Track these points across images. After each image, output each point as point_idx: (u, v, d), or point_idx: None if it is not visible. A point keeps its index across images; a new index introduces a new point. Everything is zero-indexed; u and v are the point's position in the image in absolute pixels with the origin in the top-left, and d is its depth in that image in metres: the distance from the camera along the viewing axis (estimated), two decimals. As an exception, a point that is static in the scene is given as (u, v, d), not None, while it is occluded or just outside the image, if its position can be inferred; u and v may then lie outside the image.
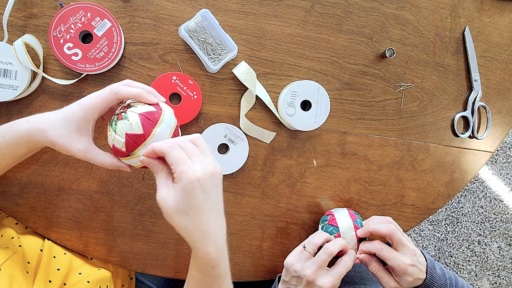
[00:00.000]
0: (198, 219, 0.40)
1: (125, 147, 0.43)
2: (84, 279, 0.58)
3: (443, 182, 0.72)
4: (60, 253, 0.60)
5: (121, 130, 0.43)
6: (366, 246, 0.58)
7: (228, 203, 0.66)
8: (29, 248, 0.57)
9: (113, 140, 0.44)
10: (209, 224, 0.41)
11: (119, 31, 0.58)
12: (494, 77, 0.71)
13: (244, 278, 0.68)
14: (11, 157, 0.48)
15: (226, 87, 0.63)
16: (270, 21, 0.63)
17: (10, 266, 0.49)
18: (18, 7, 0.58)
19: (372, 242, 0.58)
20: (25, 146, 0.46)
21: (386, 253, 0.55)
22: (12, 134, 0.46)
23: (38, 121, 0.45)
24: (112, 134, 0.44)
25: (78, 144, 0.45)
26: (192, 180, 0.39)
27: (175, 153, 0.39)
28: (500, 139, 0.73)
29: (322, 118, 0.64)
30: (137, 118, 0.43)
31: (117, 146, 0.44)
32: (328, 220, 0.62)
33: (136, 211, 0.64)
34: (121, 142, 0.43)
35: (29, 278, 0.51)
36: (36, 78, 0.58)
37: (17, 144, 0.46)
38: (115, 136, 0.44)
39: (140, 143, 0.43)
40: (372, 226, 0.58)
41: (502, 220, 1.62)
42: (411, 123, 0.69)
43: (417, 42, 0.67)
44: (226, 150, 0.64)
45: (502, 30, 0.70)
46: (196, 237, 0.41)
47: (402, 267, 0.54)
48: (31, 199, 0.61)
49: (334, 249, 0.55)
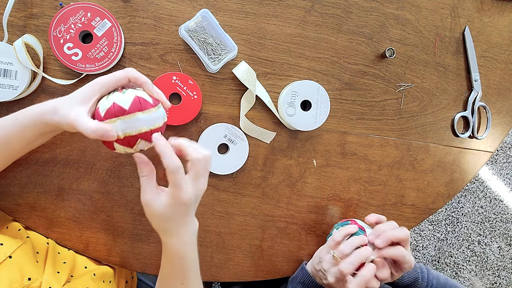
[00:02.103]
0: (175, 224, 0.47)
1: (105, 112, 0.44)
2: (90, 272, 0.60)
3: (443, 182, 0.72)
4: (64, 249, 0.62)
5: (112, 98, 0.45)
6: (393, 251, 0.56)
7: (228, 203, 0.66)
8: (36, 239, 0.59)
9: (100, 103, 0.45)
10: (180, 225, 0.47)
11: (119, 31, 0.58)
12: (494, 77, 0.71)
13: (244, 278, 0.68)
14: (19, 142, 0.48)
15: (226, 87, 0.63)
16: (270, 21, 0.63)
17: (21, 255, 0.50)
18: (18, 7, 0.58)
19: (397, 248, 0.56)
20: (33, 127, 0.47)
21: (408, 257, 0.56)
22: (25, 115, 0.47)
23: (52, 101, 0.46)
24: (104, 100, 0.45)
25: (74, 112, 0.44)
26: (185, 201, 0.45)
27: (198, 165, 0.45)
28: (500, 139, 0.73)
29: (322, 118, 0.64)
30: (132, 96, 0.45)
31: (100, 109, 0.45)
32: (351, 223, 0.61)
33: (136, 211, 0.64)
34: (105, 107, 0.44)
35: (39, 267, 0.53)
36: (36, 78, 0.58)
37: (26, 125, 0.47)
38: (104, 100, 0.45)
39: (118, 115, 0.44)
40: (392, 235, 0.57)
41: (502, 220, 1.62)
42: (411, 123, 0.69)
43: (417, 42, 0.67)
44: (226, 150, 0.64)
45: (502, 30, 0.70)
46: (169, 234, 0.47)
47: (412, 266, 0.56)
48: (31, 199, 0.61)
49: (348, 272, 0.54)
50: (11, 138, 0.48)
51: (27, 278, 0.48)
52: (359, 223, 0.61)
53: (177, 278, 0.50)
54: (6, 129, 0.48)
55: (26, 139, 0.48)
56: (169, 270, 0.51)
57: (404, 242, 0.57)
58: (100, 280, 0.61)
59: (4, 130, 0.48)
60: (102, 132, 0.42)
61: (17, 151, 0.51)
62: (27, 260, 0.51)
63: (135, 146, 0.45)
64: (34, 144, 0.51)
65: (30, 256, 0.52)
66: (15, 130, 0.47)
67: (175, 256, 0.49)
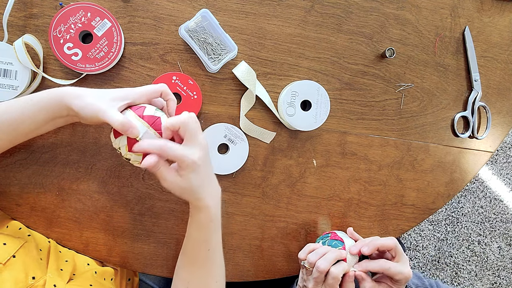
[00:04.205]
0: (202, 188, 0.49)
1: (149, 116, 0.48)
2: (92, 270, 0.61)
3: (443, 182, 0.72)
4: (64, 249, 0.62)
5: (160, 114, 0.49)
6: (373, 265, 0.55)
7: (228, 203, 0.66)
8: (39, 236, 0.59)
9: (148, 107, 0.49)
10: (207, 187, 0.50)
11: (119, 31, 0.58)
12: (494, 77, 0.71)
13: (244, 278, 0.68)
14: (29, 124, 0.49)
15: (226, 87, 0.63)
16: (270, 21, 0.63)
17: (24, 254, 0.50)
18: (18, 7, 0.58)
19: (378, 261, 0.56)
20: (48, 109, 0.48)
21: (394, 269, 0.54)
22: (42, 97, 0.48)
23: (72, 88, 0.48)
24: (154, 109, 0.49)
25: (103, 103, 0.46)
26: (197, 162, 0.47)
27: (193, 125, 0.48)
28: (500, 139, 0.73)
29: (322, 118, 0.64)
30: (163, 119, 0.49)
31: (146, 110, 0.48)
32: (331, 236, 0.61)
33: (136, 211, 0.64)
34: (152, 113, 0.48)
35: (43, 265, 0.53)
36: (36, 78, 0.58)
37: (41, 107, 0.47)
38: (154, 110, 0.49)
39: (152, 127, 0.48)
40: (378, 242, 0.57)
41: (502, 220, 1.62)
42: (411, 123, 0.69)
43: (417, 42, 0.67)
44: (226, 150, 0.64)
45: (502, 30, 0.70)
46: (200, 200, 0.49)
47: (407, 276, 0.55)
48: (31, 199, 0.61)
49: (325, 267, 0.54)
50: (23, 120, 0.48)
51: (31, 277, 0.48)
52: (339, 235, 0.61)
53: (203, 244, 0.52)
54: (19, 110, 0.48)
55: (37, 121, 0.48)
56: (197, 237, 0.52)
57: (393, 251, 0.57)
58: (101, 277, 0.61)
59: (18, 110, 0.48)
60: (128, 126, 0.45)
61: (26, 134, 0.50)
62: (30, 258, 0.51)
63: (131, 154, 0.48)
64: (44, 129, 0.51)
65: (33, 254, 0.52)
66: (29, 111, 0.48)
67: (204, 220, 0.51)
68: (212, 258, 0.54)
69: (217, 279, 0.55)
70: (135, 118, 0.47)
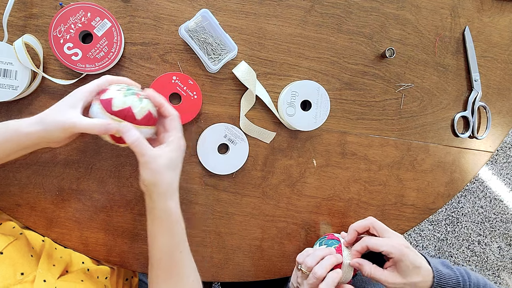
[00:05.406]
0: (176, 175, 0.51)
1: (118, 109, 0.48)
2: (85, 267, 0.61)
3: (443, 182, 0.72)
4: (61, 246, 0.62)
5: (129, 101, 0.48)
6: (356, 247, 0.57)
7: (228, 203, 0.66)
8: (32, 235, 0.59)
9: (115, 97, 0.48)
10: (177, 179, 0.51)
11: (119, 31, 0.58)
12: (494, 77, 0.71)
13: (244, 278, 0.68)
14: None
15: (226, 87, 0.63)
16: (270, 21, 0.63)
17: (13, 251, 0.50)
18: (18, 7, 0.58)
19: (360, 240, 0.57)
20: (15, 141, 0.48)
21: (377, 240, 0.55)
22: (6, 129, 0.48)
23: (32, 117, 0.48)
24: (121, 95, 0.48)
25: (68, 115, 0.47)
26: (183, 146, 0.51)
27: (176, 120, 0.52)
28: (500, 139, 0.73)
29: (322, 118, 0.64)
30: (146, 110, 0.49)
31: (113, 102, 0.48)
32: (328, 237, 0.62)
33: (136, 211, 0.64)
34: (119, 105, 0.48)
35: (33, 261, 0.53)
36: (36, 78, 0.58)
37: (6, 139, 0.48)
38: (121, 97, 0.48)
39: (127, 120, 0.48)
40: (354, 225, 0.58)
41: (502, 220, 1.62)
42: (411, 123, 0.69)
43: (417, 42, 0.67)
44: (226, 150, 0.64)
45: (502, 30, 0.70)
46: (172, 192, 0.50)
47: (397, 247, 0.53)
48: (31, 199, 0.61)
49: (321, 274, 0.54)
50: None
51: (19, 273, 0.48)
52: (335, 236, 0.61)
53: (176, 247, 0.52)
54: None
55: (6, 151, 0.49)
56: (168, 241, 0.52)
57: (374, 230, 0.57)
58: (94, 275, 0.61)
59: None
60: (106, 128, 0.47)
61: None
62: (19, 255, 0.51)
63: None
64: (15, 155, 0.51)
65: (23, 251, 0.52)
66: None
67: (174, 221, 0.51)
68: (184, 259, 0.53)
69: (193, 278, 0.55)
70: (106, 116, 0.48)
